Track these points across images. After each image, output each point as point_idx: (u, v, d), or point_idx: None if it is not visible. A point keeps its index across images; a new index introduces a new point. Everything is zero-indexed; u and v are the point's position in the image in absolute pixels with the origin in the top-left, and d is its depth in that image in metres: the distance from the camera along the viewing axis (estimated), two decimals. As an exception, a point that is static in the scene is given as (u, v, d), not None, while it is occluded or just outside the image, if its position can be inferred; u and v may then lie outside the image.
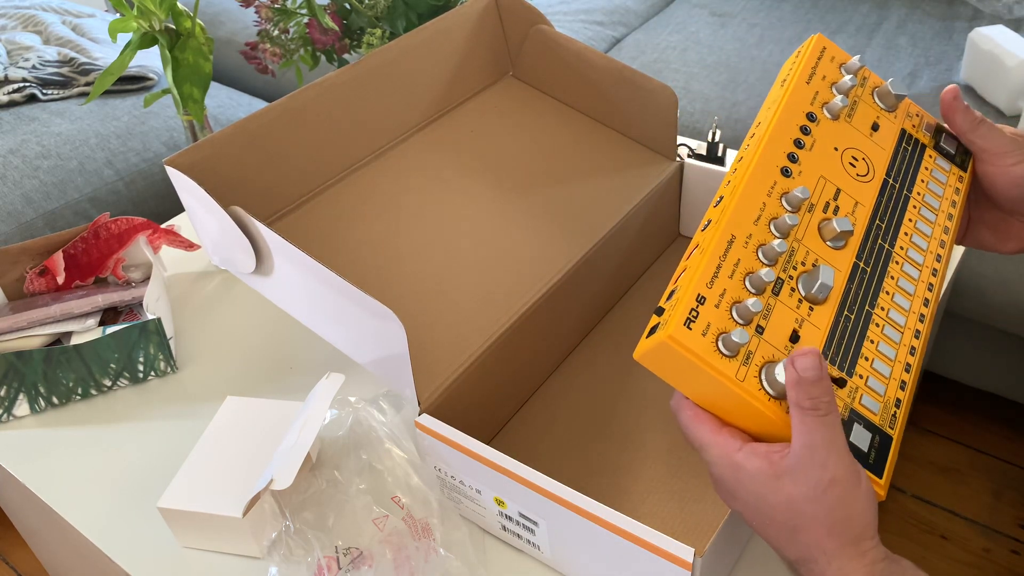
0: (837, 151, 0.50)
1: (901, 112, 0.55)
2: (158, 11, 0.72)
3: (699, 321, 0.41)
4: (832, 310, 0.44)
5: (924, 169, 0.52)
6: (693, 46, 1.43)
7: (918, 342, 0.45)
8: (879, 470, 0.40)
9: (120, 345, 0.70)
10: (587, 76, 0.77)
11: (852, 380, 0.42)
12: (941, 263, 0.49)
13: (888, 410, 0.42)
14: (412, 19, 0.85)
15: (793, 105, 0.51)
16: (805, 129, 0.50)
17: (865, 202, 0.49)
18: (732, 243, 0.44)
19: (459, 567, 0.54)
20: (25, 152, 1.20)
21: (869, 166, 0.51)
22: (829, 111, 0.51)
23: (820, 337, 0.43)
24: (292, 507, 0.56)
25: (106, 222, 0.78)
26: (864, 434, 0.40)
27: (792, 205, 0.47)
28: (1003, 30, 1.19)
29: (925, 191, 0.51)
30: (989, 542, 1.15)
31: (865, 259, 0.47)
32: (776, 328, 0.43)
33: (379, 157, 0.71)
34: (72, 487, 0.64)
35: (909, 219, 0.50)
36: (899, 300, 0.46)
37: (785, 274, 0.44)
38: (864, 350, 0.43)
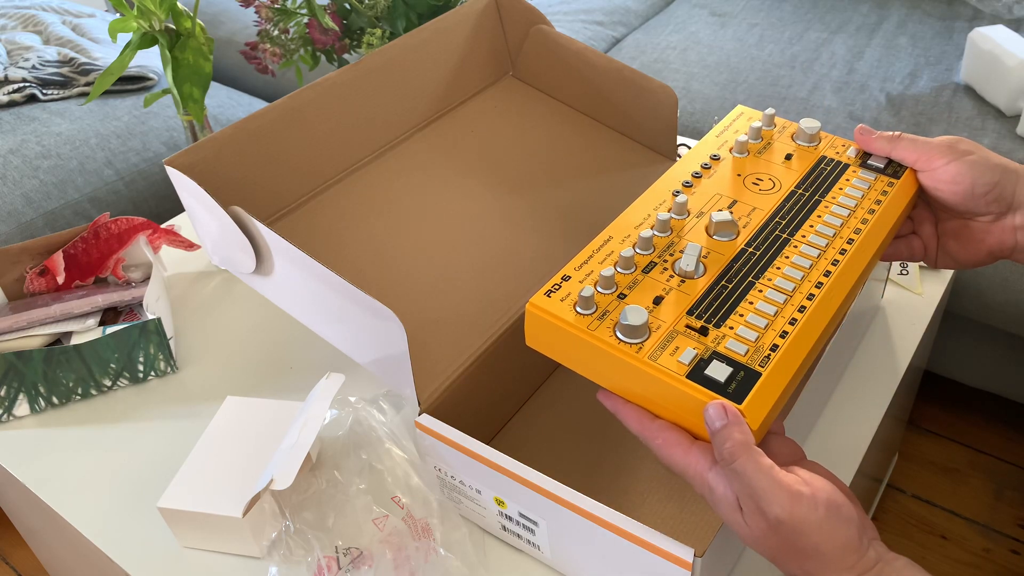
0: (740, 176, 0.56)
1: (824, 144, 0.59)
2: (158, 11, 0.72)
3: (560, 291, 0.47)
4: (708, 281, 0.48)
5: (844, 180, 0.55)
6: (693, 46, 1.43)
7: (811, 303, 0.47)
8: (739, 397, 0.41)
9: (120, 345, 0.70)
10: (587, 76, 0.77)
11: (720, 330, 0.45)
12: (855, 247, 0.51)
13: (759, 352, 0.44)
14: (412, 19, 0.85)
15: (699, 149, 0.58)
16: (706, 164, 0.57)
17: (764, 207, 0.53)
18: (608, 241, 0.51)
19: (459, 567, 0.54)
20: (25, 152, 1.20)
21: (775, 183, 0.55)
22: (735, 150, 0.58)
23: (687, 301, 0.47)
24: (292, 507, 0.56)
25: (106, 222, 0.78)
26: (723, 368, 0.43)
27: (675, 210, 0.52)
28: (1003, 30, 1.19)
29: (840, 195, 0.54)
30: (989, 542, 1.15)
31: (756, 245, 0.50)
32: (640, 294, 0.47)
33: (379, 157, 0.71)
34: (72, 487, 0.64)
35: (818, 215, 0.53)
36: (790, 272, 0.48)
37: (660, 258, 0.49)
38: (740, 308, 0.46)
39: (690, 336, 0.45)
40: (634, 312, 0.44)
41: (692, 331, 0.45)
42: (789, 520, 0.37)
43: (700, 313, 0.46)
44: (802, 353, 0.45)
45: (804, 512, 0.37)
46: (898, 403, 0.77)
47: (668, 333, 0.45)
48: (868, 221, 0.52)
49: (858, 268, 0.50)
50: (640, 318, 0.44)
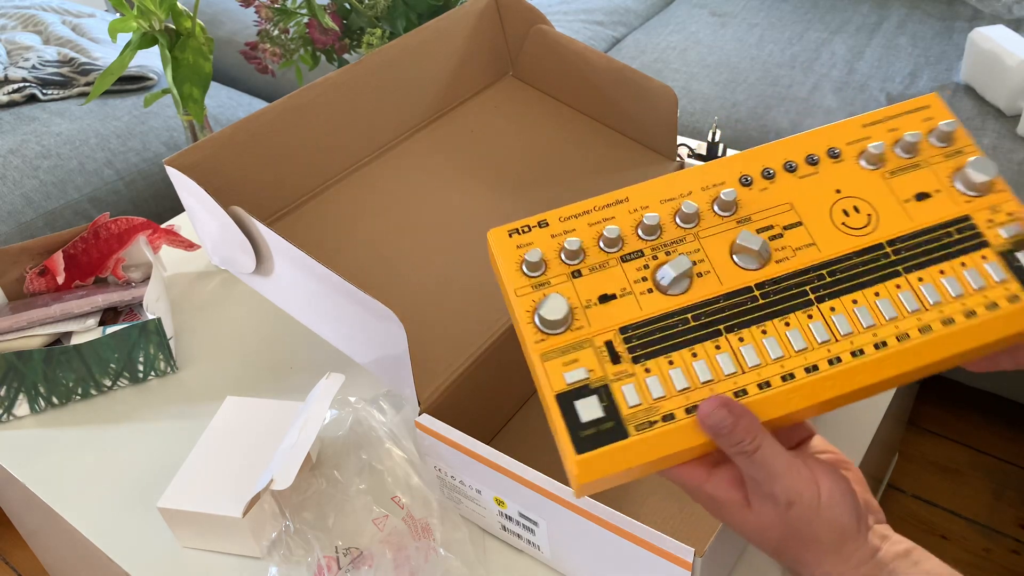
0: (837, 193, 0.43)
1: (982, 202, 0.42)
2: (158, 11, 0.72)
3: (523, 237, 0.42)
4: (674, 305, 0.40)
5: (958, 263, 0.40)
6: (693, 46, 1.43)
7: (759, 393, 0.38)
8: (586, 447, 0.36)
9: (120, 345, 0.70)
10: (587, 76, 0.77)
11: (634, 366, 0.38)
12: (896, 350, 0.39)
13: (649, 414, 0.37)
14: (412, 19, 0.85)
15: (825, 134, 0.44)
16: (812, 159, 0.44)
17: (825, 249, 0.41)
18: (620, 203, 0.43)
19: (459, 567, 0.54)
20: (25, 152, 1.20)
21: (873, 223, 0.42)
22: (865, 157, 0.43)
23: (631, 316, 0.40)
24: (292, 507, 0.56)
25: (106, 222, 0.78)
26: (595, 408, 0.37)
27: (718, 203, 0.42)
28: (1003, 30, 1.19)
29: (939, 277, 0.40)
30: (989, 542, 1.15)
31: (769, 292, 0.40)
32: (594, 283, 0.41)
33: (379, 157, 0.71)
34: (72, 487, 0.64)
35: (876, 293, 0.40)
36: (770, 344, 0.39)
37: (652, 252, 0.41)
38: (676, 355, 0.39)
39: (599, 355, 0.39)
40: (553, 304, 0.39)
41: (606, 351, 0.39)
42: (799, 505, 0.37)
43: (632, 337, 0.39)
44: (691, 441, 0.37)
45: (812, 496, 0.37)
46: (898, 403, 0.77)
47: (581, 340, 0.39)
48: (950, 324, 0.39)
49: (875, 375, 0.38)
50: (556, 313, 0.39)
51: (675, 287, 0.40)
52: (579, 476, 0.36)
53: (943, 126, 0.43)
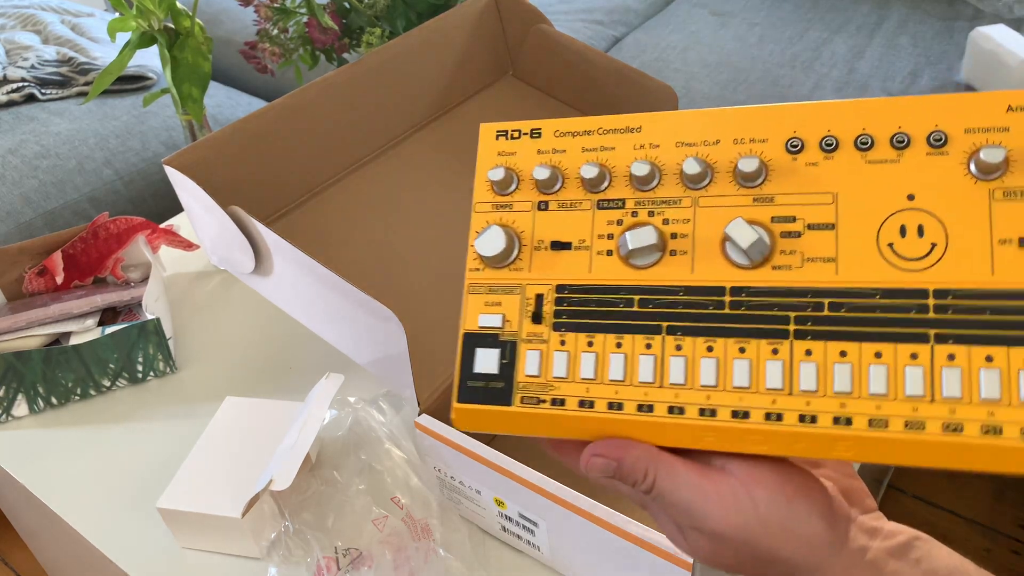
0: (910, 201, 0.30)
1: None
2: (157, 10, 0.71)
3: (511, 143, 0.36)
4: (622, 277, 0.33)
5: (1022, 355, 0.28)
6: (694, 45, 1.43)
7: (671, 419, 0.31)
8: (468, 398, 0.34)
9: (119, 345, 0.70)
10: (587, 75, 0.77)
11: (555, 333, 0.33)
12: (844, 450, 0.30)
13: (540, 389, 0.33)
14: (411, 18, 0.85)
15: (947, 107, 0.31)
16: (900, 139, 0.31)
17: (846, 272, 0.30)
18: (628, 132, 0.35)
19: (459, 568, 0.54)
20: (24, 152, 1.20)
21: (931, 257, 0.30)
22: (977, 161, 0.29)
23: (574, 276, 0.34)
24: (291, 507, 0.56)
25: (105, 222, 0.78)
26: (491, 363, 0.34)
27: (742, 175, 0.32)
28: (1004, 29, 1.18)
29: (963, 366, 0.28)
30: (990, 542, 1.15)
31: (738, 302, 0.32)
32: (556, 223, 0.35)
33: (379, 157, 0.71)
34: (71, 488, 0.64)
35: (876, 353, 0.29)
36: (707, 368, 0.31)
37: (634, 205, 0.34)
38: (597, 337, 0.33)
39: (524, 307, 0.34)
40: (489, 239, 0.34)
41: (532, 305, 0.34)
42: (730, 531, 0.30)
43: (565, 299, 0.34)
44: (573, 434, 0.33)
45: (744, 518, 0.30)
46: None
47: (514, 284, 0.34)
48: (953, 433, 0.28)
49: (819, 450, 0.30)
50: (488, 249, 0.34)
51: (637, 258, 0.33)
52: (455, 421, 0.34)
53: None
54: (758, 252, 0.31)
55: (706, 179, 0.33)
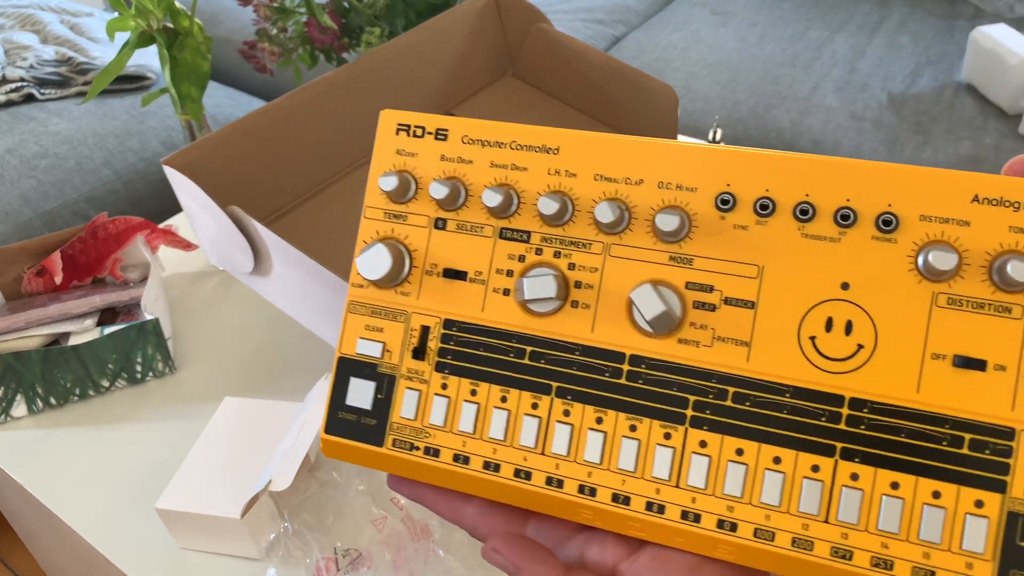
0: (844, 290, 0.27)
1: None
2: (156, 10, 0.71)
3: (413, 141, 0.32)
4: (515, 323, 0.30)
5: (932, 487, 0.26)
6: (694, 45, 1.43)
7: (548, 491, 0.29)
8: (337, 430, 0.31)
9: (118, 346, 0.70)
10: (587, 75, 0.77)
11: (431, 372, 0.31)
12: (725, 552, 0.28)
13: (414, 435, 0.31)
14: (411, 18, 0.85)
15: (911, 181, 0.27)
16: (846, 215, 0.27)
17: (758, 362, 0.27)
18: (545, 152, 0.30)
19: (458, 568, 0.53)
20: (23, 152, 1.19)
21: (856, 360, 0.27)
22: (925, 261, 0.26)
23: (465, 313, 0.31)
24: (291, 508, 0.56)
25: (104, 222, 0.78)
26: (365, 397, 0.31)
27: (661, 231, 0.28)
28: (1005, 29, 1.18)
29: (865, 488, 0.26)
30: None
31: (636, 374, 0.29)
32: (452, 247, 0.31)
33: (378, 156, 0.70)
34: (70, 488, 0.64)
35: (775, 459, 0.27)
36: (592, 442, 0.29)
37: (540, 242, 0.30)
38: (482, 387, 0.30)
39: (407, 339, 0.31)
40: (374, 259, 0.31)
41: (416, 338, 0.31)
42: None
43: (453, 337, 0.31)
44: (446, 485, 0.31)
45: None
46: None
47: (399, 310, 0.31)
48: (839, 559, 0.26)
49: (697, 547, 0.28)
50: (374, 272, 0.30)
51: (535, 305, 0.30)
52: (323, 449, 0.32)
53: None
54: (663, 326, 0.28)
55: (622, 224, 0.29)
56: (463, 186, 0.31)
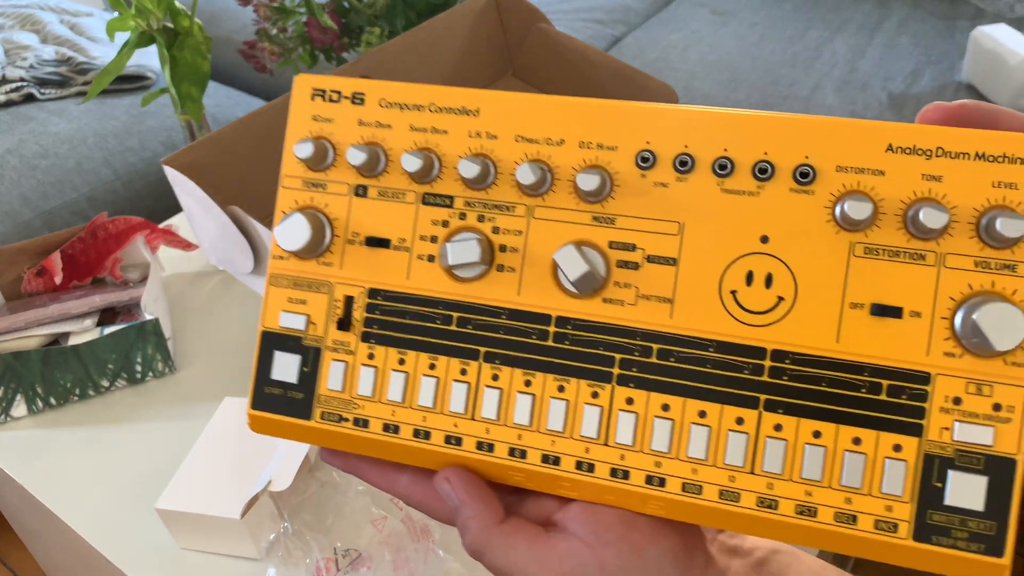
0: (763, 244, 0.27)
1: (971, 365, 0.26)
2: (156, 10, 0.71)
3: (329, 106, 0.31)
4: (442, 290, 0.30)
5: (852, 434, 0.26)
6: (694, 45, 1.43)
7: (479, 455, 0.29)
8: (264, 405, 0.31)
9: (118, 346, 0.70)
10: (587, 75, 0.77)
11: (357, 343, 0.30)
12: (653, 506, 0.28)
13: (342, 407, 0.30)
14: (411, 18, 0.85)
15: (832, 132, 0.27)
16: (763, 168, 0.27)
17: (681, 318, 0.28)
18: (464, 114, 0.30)
19: (458, 569, 0.53)
20: (23, 152, 1.19)
21: (776, 312, 0.27)
22: (842, 211, 0.26)
23: (390, 282, 0.30)
24: (291, 508, 0.56)
25: (104, 222, 0.78)
26: (291, 371, 0.31)
27: (582, 191, 0.28)
28: (1005, 29, 1.18)
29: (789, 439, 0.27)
30: (991, 542, 1.15)
31: (563, 335, 0.29)
32: (373, 214, 0.30)
33: (378, 156, 0.70)
34: (70, 488, 0.64)
35: (701, 412, 0.27)
36: (521, 405, 0.29)
37: (463, 206, 0.30)
38: (409, 355, 0.30)
39: (331, 310, 0.31)
40: (292, 230, 0.30)
41: (341, 309, 0.30)
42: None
43: (378, 306, 0.30)
44: (378, 455, 0.31)
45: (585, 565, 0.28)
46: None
47: (322, 281, 0.31)
48: (767, 508, 0.27)
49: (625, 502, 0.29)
50: (293, 242, 0.30)
51: (460, 270, 0.29)
52: (251, 425, 0.32)
53: (1010, 220, 0.24)
54: (587, 286, 0.28)
55: (544, 186, 0.29)
56: (383, 151, 0.30)
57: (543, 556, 0.28)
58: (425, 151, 0.29)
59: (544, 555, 0.28)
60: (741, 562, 0.31)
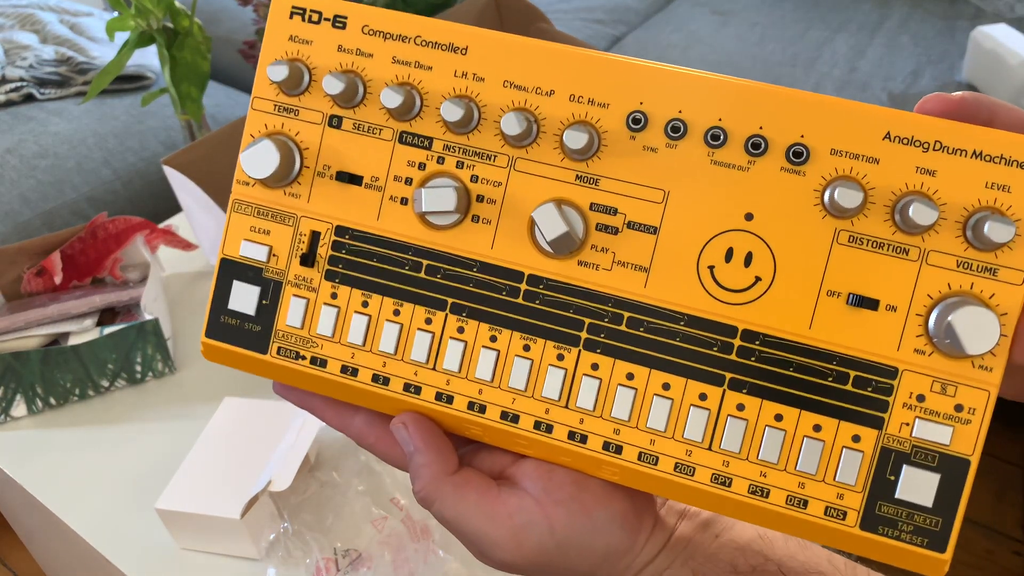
0: (748, 221, 0.27)
1: (939, 365, 0.26)
2: (156, 10, 0.71)
3: (309, 28, 0.29)
4: (412, 235, 0.29)
5: (813, 420, 0.27)
6: (694, 44, 1.43)
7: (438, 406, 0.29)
8: (219, 334, 0.30)
9: (118, 346, 0.70)
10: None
11: (321, 281, 0.29)
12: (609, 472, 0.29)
13: (300, 344, 0.30)
14: (411, 17, 0.85)
15: (832, 114, 0.26)
16: (756, 143, 0.26)
17: (656, 288, 0.27)
18: (452, 51, 0.28)
19: (458, 569, 0.53)
20: (22, 152, 1.19)
21: (753, 292, 0.27)
22: (830, 198, 0.26)
23: (359, 221, 0.29)
24: (290, 508, 0.56)
25: (103, 222, 0.78)
26: (249, 302, 0.30)
27: (569, 149, 0.27)
28: (1005, 29, 1.18)
29: (749, 418, 0.27)
30: (991, 543, 1.15)
31: (534, 293, 0.28)
32: (347, 148, 0.29)
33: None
34: (70, 488, 0.64)
35: (665, 384, 0.27)
36: (485, 360, 0.28)
37: (442, 150, 0.28)
38: (374, 299, 0.29)
39: (296, 244, 0.30)
40: (259, 157, 0.28)
41: (306, 243, 0.29)
42: (523, 560, 0.28)
43: (345, 245, 0.29)
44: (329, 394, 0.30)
45: (539, 544, 0.28)
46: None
47: (288, 212, 0.29)
48: (720, 485, 0.27)
49: (580, 464, 0.29)
50: (259, 170, 0.28)
51: (434, 217, 0.28)
52: (204, 353, 0.31)
53: (999, 224, 0.24)
54: (564, 247, 0.27)
55: (529, 137, 0.28)
56: (361, 82, 0.29)
57: (492, 511, 0.28)
58: (407, 86, 0.28)
59: (493, 510, 0.28)
60: (688, 523, 0.31)
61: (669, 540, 0.30)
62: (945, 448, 0.26)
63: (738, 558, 0.30)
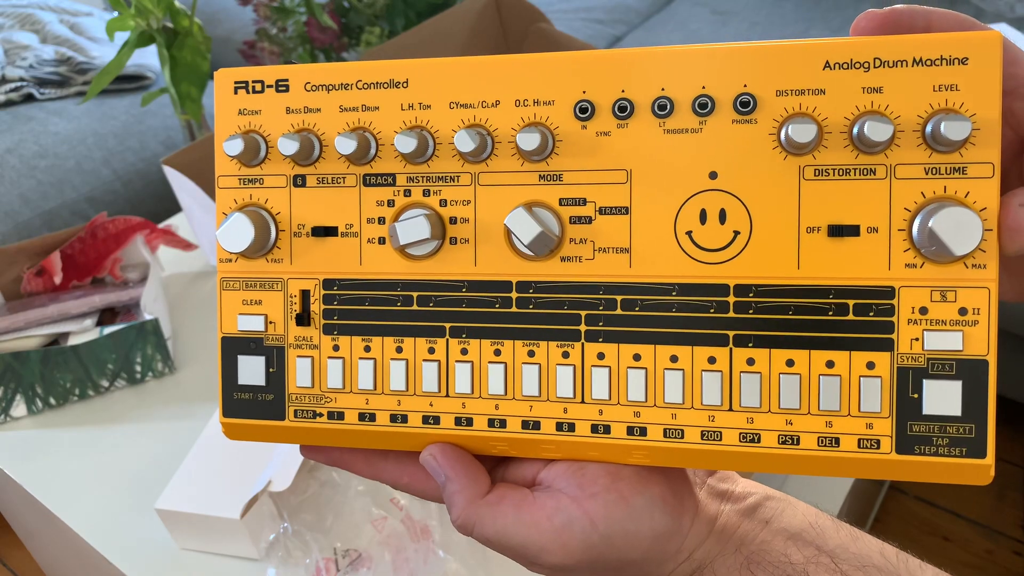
0: (712, 180, 0.27)
1: (933, 274, 0.26)
2: (156, 9, 0.71)
3: (253, 97, 0.30)
4: (397, 270, 0.29)
5: (826, 358, 0.26)
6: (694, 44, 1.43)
7: (459, 431, 0.29)
8: (236, 412, 0.31)
9: (117, 346, 0.70)
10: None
11: (319, 336, 0.30)
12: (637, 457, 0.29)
13: (314, 402, 0.30)
14: (411, 17, 0.85)
15: (768, 57, 0.26)
16: (703, 103, 0.27)
17: (641, 265, 0.27)
18: (393, 87, 0.29)
19: (458, 569, 0.53)
20: (22, 152, 1.19)
21: (734, 247, 0.27)
22: (787, 135, 0.26)
23: (343, 270, 0.30)
24: (290, 509, 0.56)
25: (103, 222, 0.78)
26: (257, 373, 0.31)
27: (524, 150, 0.27)
28: (1005, 29, 1.18)
29: (762, 371, 0.27)
30: (992, 543, 1.15)
31: (526, 299, 0.28)
32: (316, 203, 0.29)
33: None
34: (70, 488, 0.64)
35: (672, 357, 0.27)
36: (495, 375, 0.29)
37: (406, 183, 0.29)
38: (375, 341, 0.29)
39: (288, 306, 0.30)
40: (234, 230, 0.29)
41: (297, 303, 0.30)
42: (572, 560, 0.28)
43: (336, 296, 0.30)
44: (358, 445, 0.31)
45: (585, 541, 0.28)
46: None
47: (274, 278, 0.30)
48: (750, 443, 0.27)
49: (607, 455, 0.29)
50: (237, 243, 0.29)
51: (413, 248, 0.28)
52: (225, 433, 0.32)
53: (954, 123, 0.24)
54: (542, 246, 0.27)
55: (486, 151, 0.28)
56: (315, 137, 0.29)
57: (531, 518, 0.28)
58: (359, 131, 0.29)
59: (532, 517, 0.28)
60: (733, 507, 0.30)
61: (716, 524, 0.30)
62: (960, 354, 0.25)
63: (791, 548, 0.29)
